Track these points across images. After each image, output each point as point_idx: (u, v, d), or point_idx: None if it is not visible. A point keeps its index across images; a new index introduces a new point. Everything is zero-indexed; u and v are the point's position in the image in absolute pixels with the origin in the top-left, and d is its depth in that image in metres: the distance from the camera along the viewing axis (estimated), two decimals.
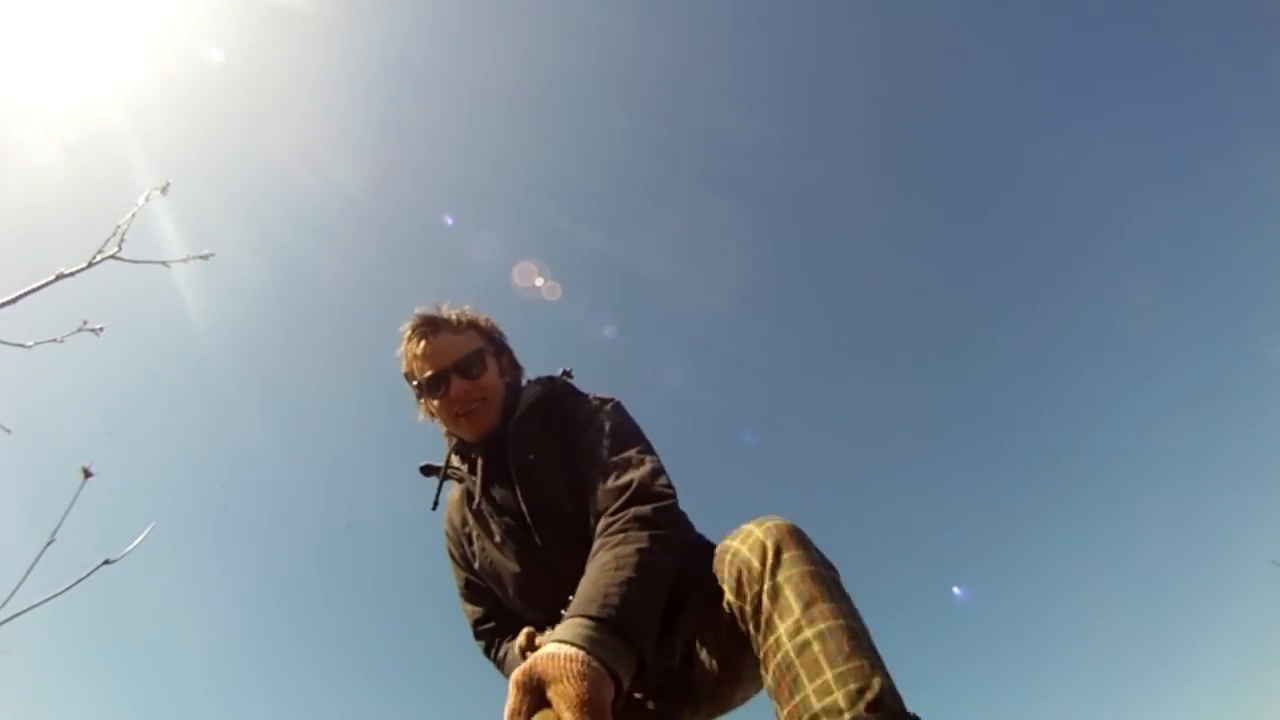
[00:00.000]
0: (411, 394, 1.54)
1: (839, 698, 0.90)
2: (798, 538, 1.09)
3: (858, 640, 0.96)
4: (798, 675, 0.95)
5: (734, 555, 1.10)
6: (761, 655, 1.02)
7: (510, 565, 1.43)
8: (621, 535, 1.15)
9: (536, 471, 1.41)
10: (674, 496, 1.27)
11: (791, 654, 0.96)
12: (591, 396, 1.52)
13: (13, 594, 0.92)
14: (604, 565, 1.09)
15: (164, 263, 1.22)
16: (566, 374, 1.59)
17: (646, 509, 1.19)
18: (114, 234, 1.13)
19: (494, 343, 1.57)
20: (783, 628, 0.99)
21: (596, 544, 1.17)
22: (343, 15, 9.01)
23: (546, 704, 0.82)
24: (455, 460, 1.55)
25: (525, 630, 1.30)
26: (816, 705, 0.91)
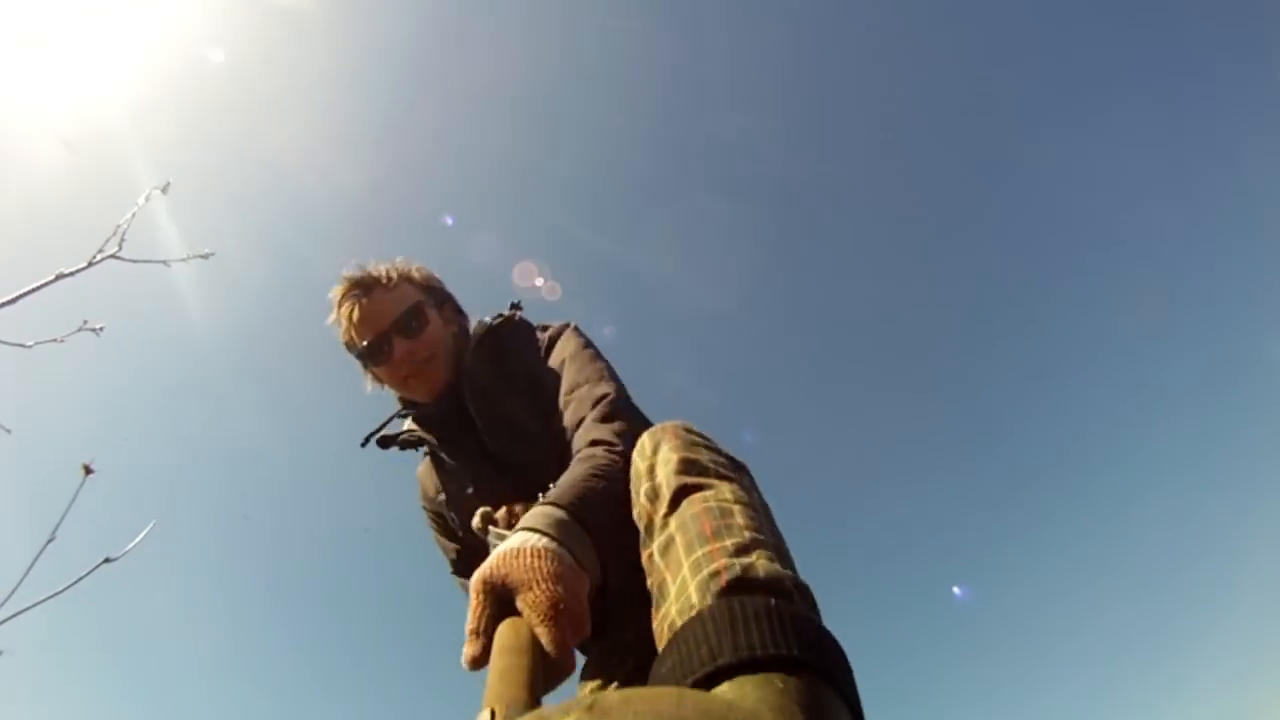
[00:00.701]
0: (356, 365, 1.43)
1: (691, 592, 0.69)
2: (680, 432, 0.96)
3: (725, 518, 0.78)
4: (663, 580, 0.76)
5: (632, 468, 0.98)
6: (646, 567, 0.86)
7: (480, 500, 1.31)
8: (605, 446, 1.06)
9: (503, 412, 1.32)
10: (634, 408, 1.21)
11: (657, 557, 0.80)
12: (545, 325, 1.44)
13: (13, 592, 0.92)
14: (582, 469, 0.99)
15: (164, 262, 1.23)
16: (515, 306, 1.48)
17: (623, 424, 1.11)
18: (114, 234, 1.13)
19: (433, 293, 1.45)
20: (656, 534, 0.83)
21: (576, 455, 1.09)
22: (343, 15, 9.01)
23: (514, 611, 0.68)
24: (410, 425, 1.44)
25: (481, 510, 1.19)
26: (674, 612, 0.70)
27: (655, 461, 0.92)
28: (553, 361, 1.33)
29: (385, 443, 1.44)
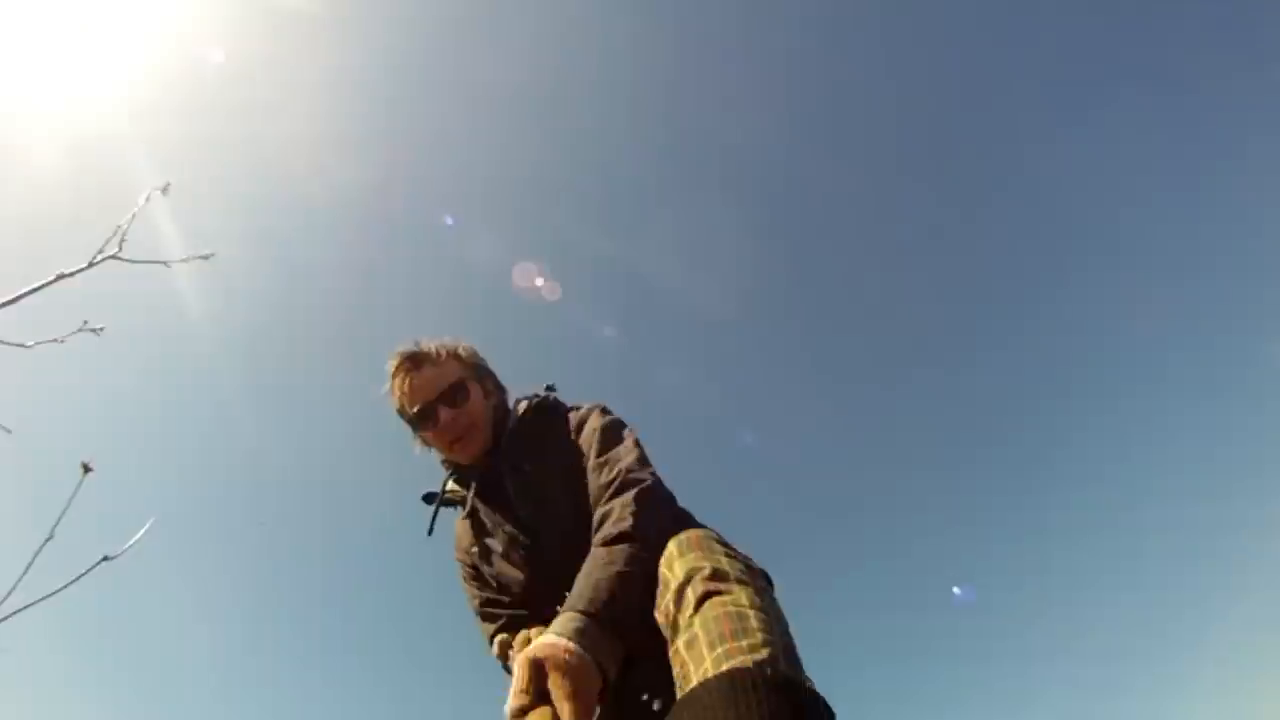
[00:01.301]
0: (406, 429, 1.63)
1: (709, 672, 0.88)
2: (703, 541, 1.13)
3: (743, 622, 0.93)
4: (688, 671, 0.92)
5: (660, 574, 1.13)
6: (671, 660, 1.01)
7: (518, 576, 1.51)
8: (629, 542, 1.19)
9: (533, 483, 1.48)
10: (655, 480, 1.34)
11: (683, 650, 0.95)
12: (576, 406, 1.60)
13: (11, 591, 0.92)
14: (595, 560, 1.16)
15: (164, 263, 1.23)
16: (549, 389, 1.67)
17: (647, 511, 1.24)
18: (114, 234, 1.13)
19: (475, 369, 1.65)
20: (682, 632, 0.98)
21: (600, 539, 1.23)
22: (343, 15, 9.02)
23: (547, 688, 0.91)
24: (452, 485, 1.63)
25: (499, 639, 1.47)
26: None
27: (679, 569, 1.06)
28: (582, 439, 1.48)
29: (428, 499, 1.65)
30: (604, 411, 1.56)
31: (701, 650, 0.91)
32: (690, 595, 1.01)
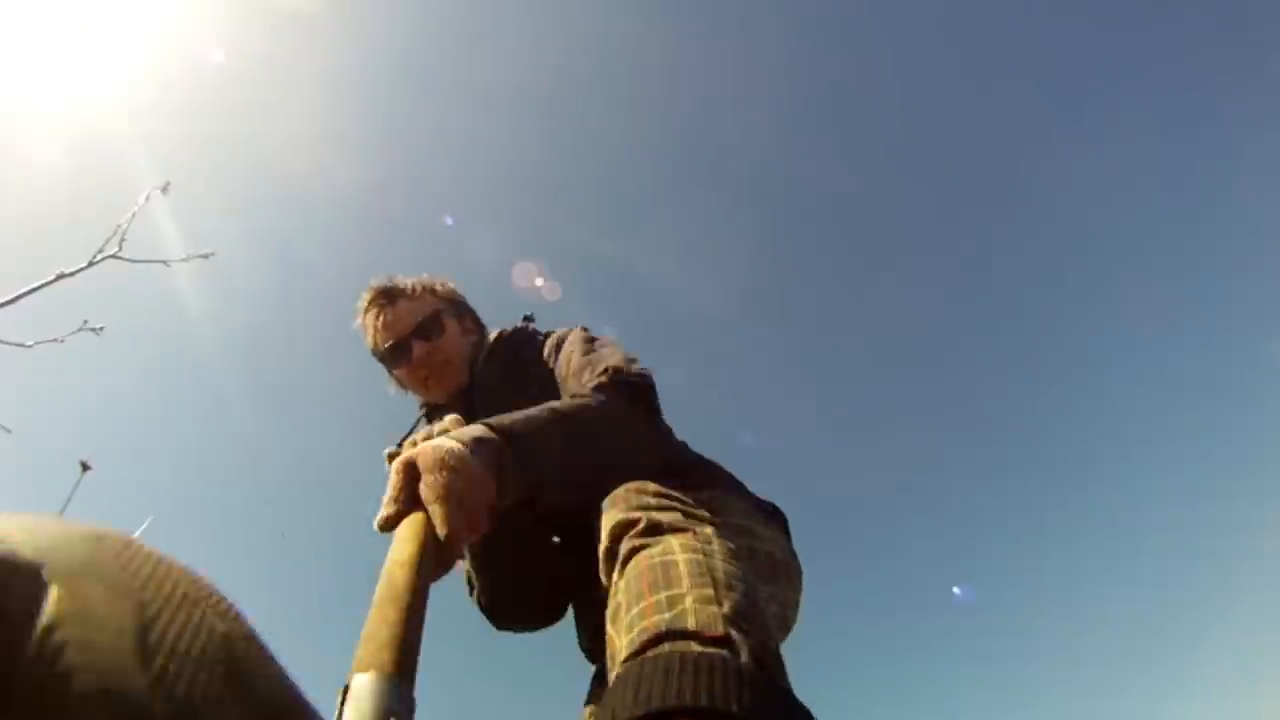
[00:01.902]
0: (381, 368, 1.53)
1: (621, 652, 0.67)
2: (632, 495, 0.94)
3: (668, 571, 0.75)
4: (616, 648, 0.73)
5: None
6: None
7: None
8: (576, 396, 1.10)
9: (499, 403, 1.24)
10: (649, 376, 1.20)
11: (609, 625, 0.76)
12: (553, 331, 1.50)
13: None
14: (536, 407, 0.99)
15: (164, 262, 1.24)
16: (527, 318, 1.59)
17: (607, 379, 1.13)
18: (114, 233, 1.14)
19: (453, 304, 1.56)
20: (610, 600, 0.80)
21: None
22: (343, 15, 9.03)
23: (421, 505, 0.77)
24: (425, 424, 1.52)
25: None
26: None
27: (604, 528, 0.89)
28: (561, 355, 1.38)
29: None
30: (584, 329, 1.44)
31: (623, 618, 0.73)
32: (620, 553, 0.83)
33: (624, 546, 0.84)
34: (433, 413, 1.52)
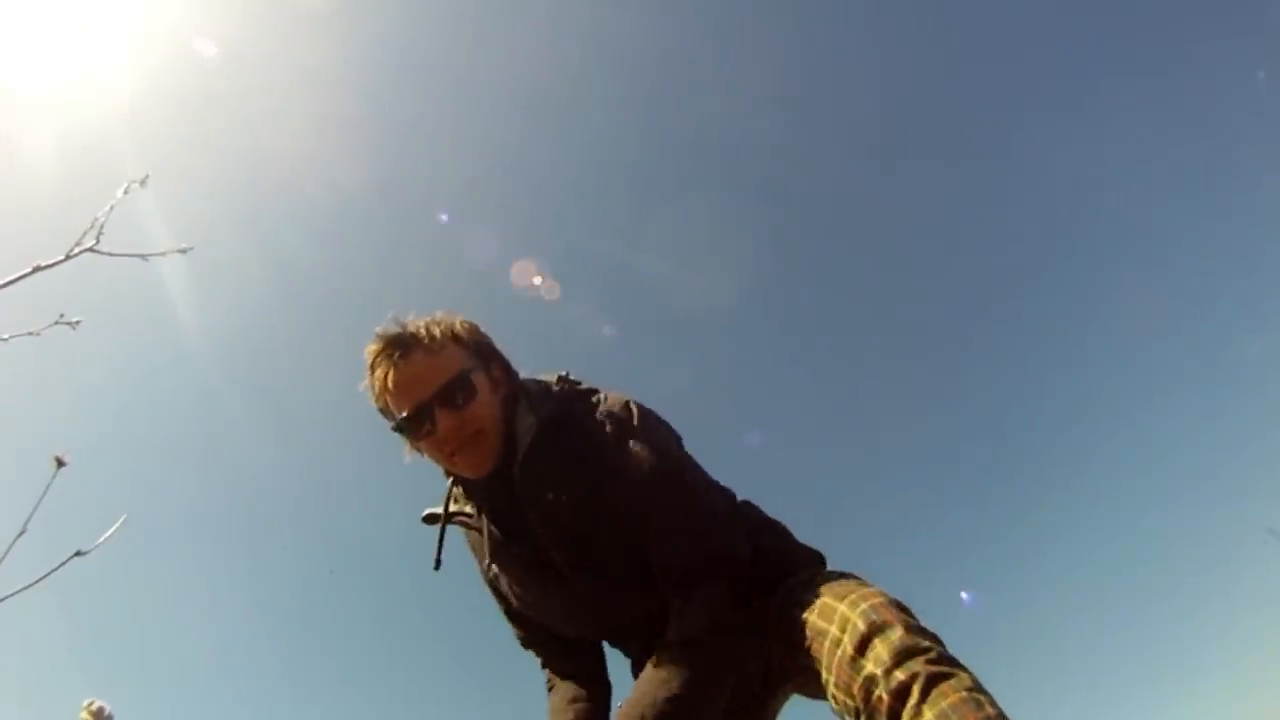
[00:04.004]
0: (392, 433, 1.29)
1: None
2: (896, 611, 1.02)
3: (980, 710, 0.87)
4: None
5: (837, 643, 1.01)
6: None
7: (543, 601, 1.35)
8: (680, 630, 1.11)
9: (560, 511, 1.22)
10: (725, 538, 1.19)
11: None
12: (603, 403, 1.30)
13: None
14: (655, 677, 1.09)
15: (142, 255, 1.22)
16: (562, 379, 1.35)
17: (722, 600, 1.13)
18: (91, 226, 1.13)
19: (480, 354, 1.31)
20: (907, 713, 0.89)
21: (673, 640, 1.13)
22: (337, 7, 8.98)
23: None
24: (457, 503, 1.38)
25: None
26: None
27: (881, 650, 0.93)
28: (629, 468, 1.22)
29: (430, 520, 1.38)
30: (642, 422, 1.27)
31: None
32: (914, 687, 0.89)
33: (923, 671, 0.89)
34: (465, 487, 1.35)
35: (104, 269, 1.24)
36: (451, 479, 1.37)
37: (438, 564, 1.34)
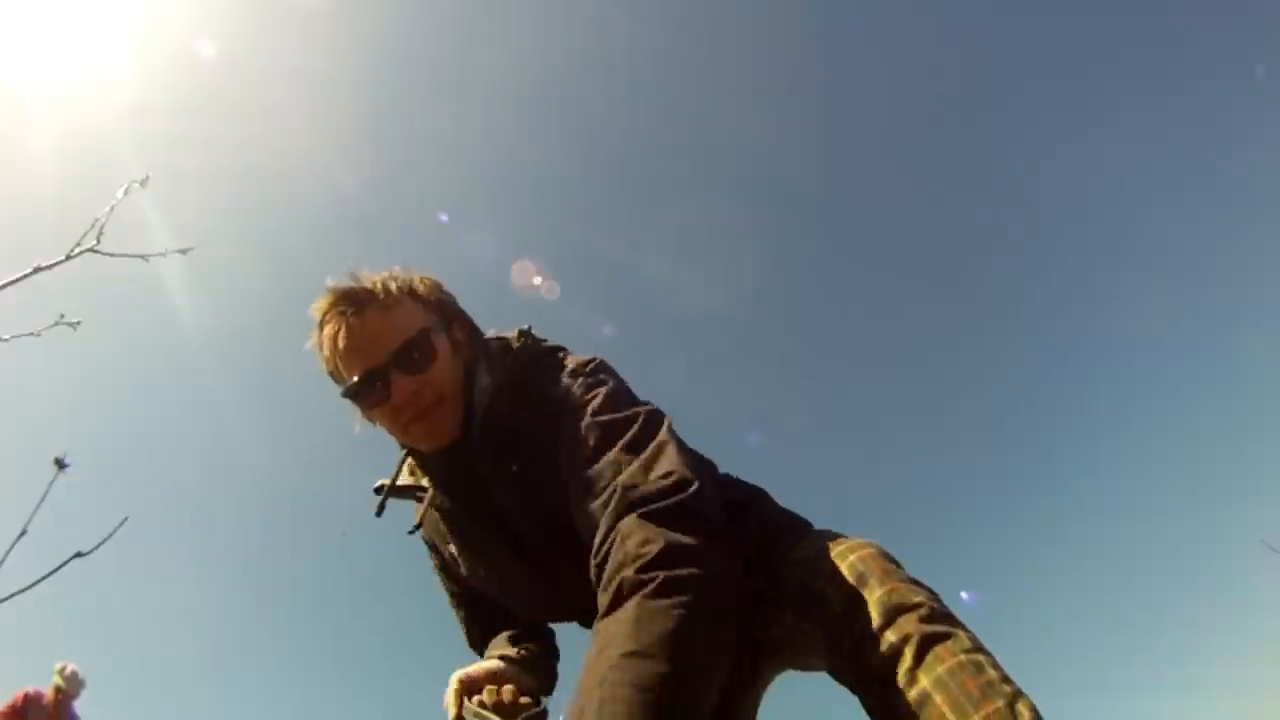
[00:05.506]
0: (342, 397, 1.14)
1: None
2: (884, 562, 0.95)
3: (981, 674, 0.80)
4: None
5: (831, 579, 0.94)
6: (865, 703, 0.88)
7: (498, 578, 1.22)
8: (622, 612, 0.81)
9: (520, 483, 1.11)
10: (684, 491, 0.90)
11: (916, 710, 0.80)
12: (566, 360, 1.17)
13: None
14: (588, 675, 0.78)
15: (142, 256, 1.22)
16: (524, 334, 1.21)
17: (665, 540, 0.84)
18: (92, 226, 1.13)
19: (441, 311, 1.18)
20: (901, 689, 0.81)
21: (604, 614, 0.84)
22: (336, 10, 8.98)
23: None
24: (410, 474, 1.25)
25: (459, 677, 1.12)
26: None
27: (873, 606, 0.86)
28: (568, 427, 1.06)
29: (381, 491, 1.24)
30: (597, 375, 1.12)
31: (944, 712, 0.78)
32: (908, 648, 0.82)
33: (917, 631, 0.83)
34: (420, 460, 1.21)
35: (104, 269, 1.24)
36: (405, 450, 1.23)
37: (380, 512, 1.22)
